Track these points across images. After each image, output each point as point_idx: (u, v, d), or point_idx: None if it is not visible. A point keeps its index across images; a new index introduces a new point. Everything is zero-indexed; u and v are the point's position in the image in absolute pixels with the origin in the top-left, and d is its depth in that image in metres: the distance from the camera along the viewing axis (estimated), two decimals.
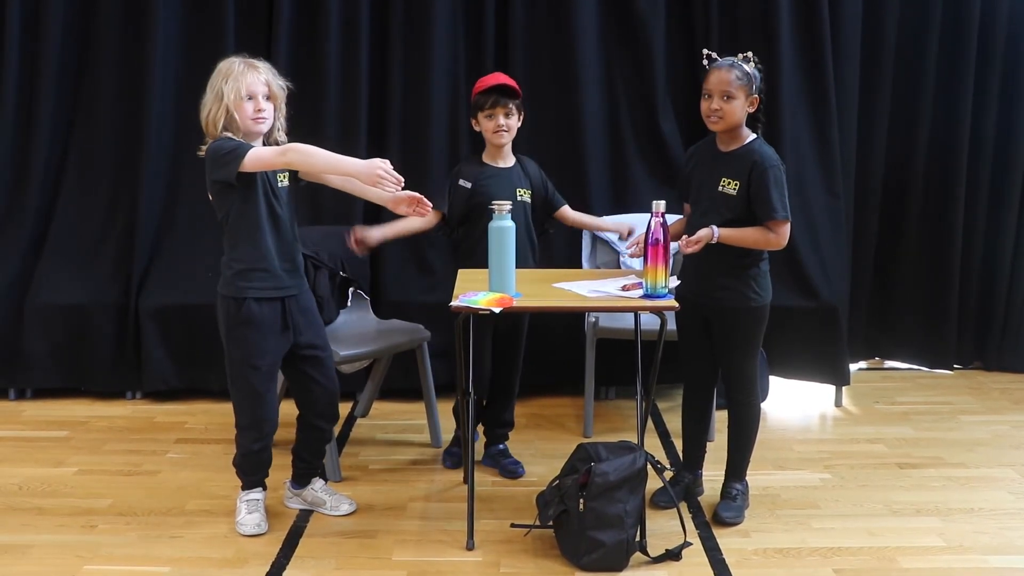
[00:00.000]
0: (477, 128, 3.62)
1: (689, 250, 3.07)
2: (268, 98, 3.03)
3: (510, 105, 3.53)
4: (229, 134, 2.99)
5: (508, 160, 3.65)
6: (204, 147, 3.00)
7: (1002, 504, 3.46)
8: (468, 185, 3.57)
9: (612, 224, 3.95)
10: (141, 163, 4.47)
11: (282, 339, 3.13)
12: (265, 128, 3.05)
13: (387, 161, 2.84)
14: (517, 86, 3.59)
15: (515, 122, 3.57)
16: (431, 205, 3.11)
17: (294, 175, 3.15)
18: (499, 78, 3.59)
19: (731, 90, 3.08)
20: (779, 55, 4.39)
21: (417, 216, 3.18)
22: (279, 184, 3.09)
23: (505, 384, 3.76)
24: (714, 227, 3.07)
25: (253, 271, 3.04)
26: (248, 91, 2.97)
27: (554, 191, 3.76)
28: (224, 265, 3.08)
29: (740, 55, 3.12)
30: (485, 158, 3.64)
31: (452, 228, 3.65)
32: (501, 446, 3.82)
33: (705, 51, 3.17)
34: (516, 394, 3.83)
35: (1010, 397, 4.66)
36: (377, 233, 3.52)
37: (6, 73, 4.50)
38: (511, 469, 3.72)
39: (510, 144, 3.62)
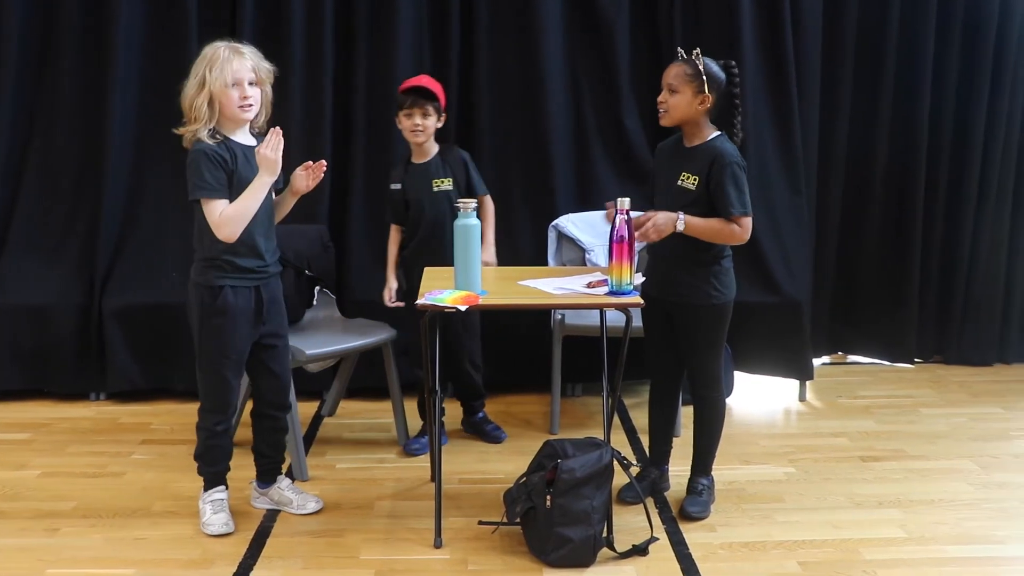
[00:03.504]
0: (399, 126, 3.73)
1: (652, 237, 3.06)
2: (254, 84, 2.98)
3: (427, 106, 3.64)
4: (208, 132, 2.94)
5: (429, 155, 3.77)
6: (185, 129, 2.95)
7: (961, 495, 3.52)
8: (399, 186, 3.77)
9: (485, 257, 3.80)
10: (104, 161, 4.41)
11: (254, 329, 3.11)
12: (251, 115, 3.01)
13: (270, 144, 2.88)
14: (438, 88, 3.71)
15: (432, 123, 3.68)
16: (324, 165, 3.12)
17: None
18: (420, 80, 3.72)
19: (675, 84, 3.10)
20: (741, 52, 4.41)
21: (316, 181, 3.13)
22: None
23: (462, 362, 3.95)
24: (680, 213, 3.06)
25: (234, 264, 3.00)
26: (234, 78, 2.92)
27: (478, 179, 3.83)
28: (202, 256, 3.02)
29: (696, 51, 3.13)
30: (412, 158, 3.78)
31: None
32: (480, 414, 4.04)
33: (679, 49, 3.20)
34: (481, 369, 4.03)
35: (969, 390, 4.73)
36: (394, 282, 3.83)
37: None
38: (494, 435, 3.99)
39: (431, 141, 3.74)
